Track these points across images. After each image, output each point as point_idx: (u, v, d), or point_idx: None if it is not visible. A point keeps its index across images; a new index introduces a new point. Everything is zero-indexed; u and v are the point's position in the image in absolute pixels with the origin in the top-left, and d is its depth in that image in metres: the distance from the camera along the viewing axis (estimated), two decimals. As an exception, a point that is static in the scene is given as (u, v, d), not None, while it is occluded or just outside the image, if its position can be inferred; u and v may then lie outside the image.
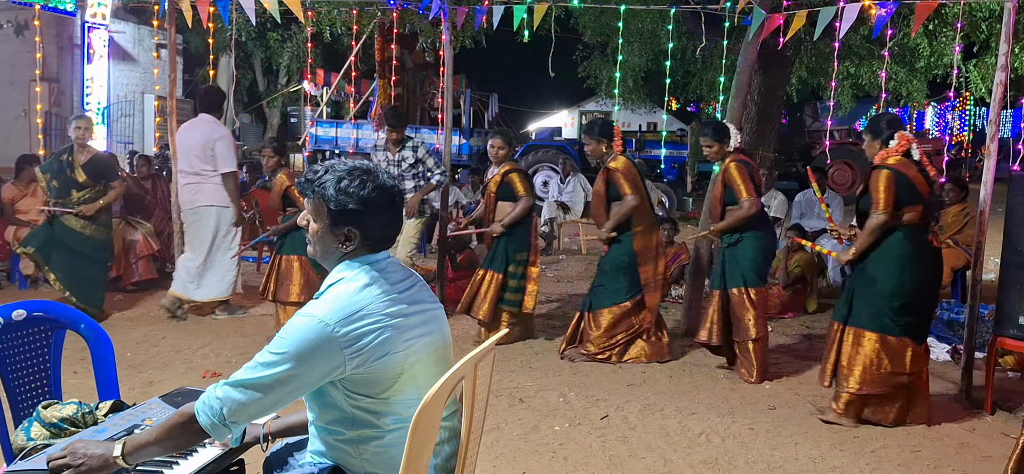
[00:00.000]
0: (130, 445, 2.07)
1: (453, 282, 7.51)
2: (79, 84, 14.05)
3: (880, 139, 4.63)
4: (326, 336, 1.99)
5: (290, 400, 2.05)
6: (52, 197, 6.56)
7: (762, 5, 6.27)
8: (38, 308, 2.97)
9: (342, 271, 2.14)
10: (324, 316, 2.01)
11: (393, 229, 2.19)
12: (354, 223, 2.10)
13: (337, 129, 17.32)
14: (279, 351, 2.01)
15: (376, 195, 2.10)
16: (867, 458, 4.27)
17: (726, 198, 5.54)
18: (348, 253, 2.14)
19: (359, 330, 2.02)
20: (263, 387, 2.00)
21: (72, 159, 6.47)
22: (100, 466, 2.05)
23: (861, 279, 4.67)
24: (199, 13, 7.04)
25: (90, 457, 2.05)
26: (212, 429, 2.04)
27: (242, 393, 2.01)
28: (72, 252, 6.45)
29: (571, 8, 9.64)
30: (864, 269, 4.66)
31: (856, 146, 19.54)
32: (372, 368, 2.04)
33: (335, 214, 2.10)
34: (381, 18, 11.50)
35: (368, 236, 2.13)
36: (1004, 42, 5.20)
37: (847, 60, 11.08)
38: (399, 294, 2.13)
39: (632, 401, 5.06)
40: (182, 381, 5.04)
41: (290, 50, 21.31)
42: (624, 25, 8.63)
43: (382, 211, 2.12)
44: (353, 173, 2.11)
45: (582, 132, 6.08)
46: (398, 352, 2.07)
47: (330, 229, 2.13)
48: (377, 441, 2.12)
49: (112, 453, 2.06)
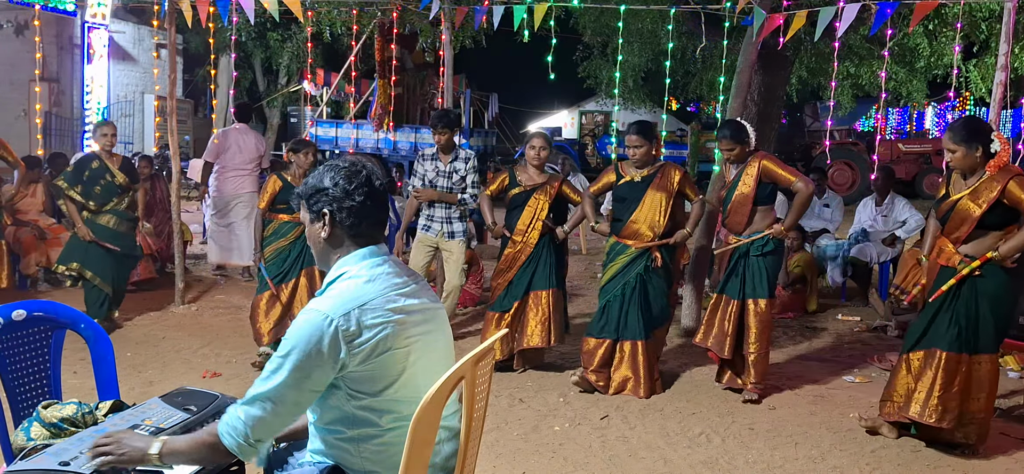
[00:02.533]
0: (167, 447, 2.12)
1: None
2: (79, 84, 14.07)
3: (977, 144, 4.05)
4: (330, 331, 2.01)
5: (306, 404, 2.07)
6: (93, 204, 6.38)
7: (762, 5, 6.27)
8: (38, 308, 2.98)
9: (342, 267, 2.17)
10: (327, 311, 2.04)
11: (372, 209, 2.19)
12: (326, 207, 2.16)
13: (337, 129, 17.32)
14: (285, 353, 2.03)
15: (343, 177, 2.16)
16: (867, 458, 4.27)
17: (759, 196, 5.05)
18: (330, 241, 2.18)
19: (362, 324, 2.05)
20: (277, 395, 2.03)
21: (108, 164, 6.40)
22: (137, 459, 2.11)
23: (986, 295, 4.13)
24: (199, 13, 7.04)
25: (132, 449, 2.11)
26: (239, 451, 2.07)
27: (259, 407, 2.05)
28: (114, 254, 6.43)
29: (571, 8, 9.65)
30: (987, 284, 4.12)
31: (856, 146, 19.54)
32: (374, 364, 2.06)
33: (310, 204, 2.20)
34: (381, 18, 11.49)
35: (343, 220, 2.16)
36: (1004, 42, 5.20)
37: (847, 60, 11.07)
38: (400, 292, 2.16)
39: (632, 401, 5.06)
40: (182, 381, 5.04)
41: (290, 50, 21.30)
42: (624, 25, 8.63)
43: (353, 193, 2.15)
44: (326, 166, 2.22)
45: (635, 131, 5.40)
46: (400, 349, 2.10)
47: (311, 223, 2.21)
48: (377, 440, 2.13)
49: (150, 449, 2.11)
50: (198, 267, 8.95)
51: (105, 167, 6.38)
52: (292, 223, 5.67)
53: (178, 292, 7.24)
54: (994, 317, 4.16)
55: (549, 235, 5.58)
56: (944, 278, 4.21)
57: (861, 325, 7.15)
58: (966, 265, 4.12)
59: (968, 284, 4.14)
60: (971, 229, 4.13)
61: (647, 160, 5.23)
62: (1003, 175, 4.05)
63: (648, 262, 5.18)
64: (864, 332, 6.96)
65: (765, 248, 5.03)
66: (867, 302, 7.73)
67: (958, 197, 4.17)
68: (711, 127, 18.18)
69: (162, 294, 7.55)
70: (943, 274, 4.24)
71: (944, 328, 4.20)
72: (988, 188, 4.07)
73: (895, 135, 22.95)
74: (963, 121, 4.21)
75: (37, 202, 7.92)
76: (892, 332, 6.79)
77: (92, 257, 6.35)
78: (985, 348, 4.20)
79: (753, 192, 5.05)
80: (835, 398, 5.22)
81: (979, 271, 4.11)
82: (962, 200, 4.15)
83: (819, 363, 6.00)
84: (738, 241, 5.09)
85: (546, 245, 5.57)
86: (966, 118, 4.42)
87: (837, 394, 5.30)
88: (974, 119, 4.31)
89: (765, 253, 5.03)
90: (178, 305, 7.18)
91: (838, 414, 4.91)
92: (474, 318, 7.10)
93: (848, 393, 5.31)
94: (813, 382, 5.54)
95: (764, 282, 5.03)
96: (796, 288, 7.64)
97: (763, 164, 5.04)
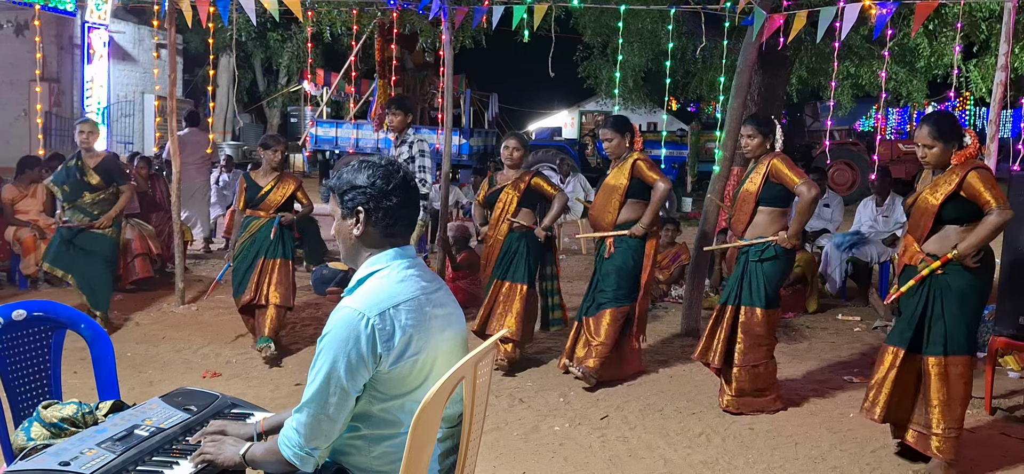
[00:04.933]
0: (249, 453, 2.20)
1: (453, 282, 7.51)
2: (79, 84, 14.05)
3: (955, 142, 3.89)
4: (367, 330, 2.01)
5: (350, 403, 2.06)
6: (63, 201, 6.54)
7: (762, 5, 6.27)
8: (38, 308, 2.98)
9: (372, 265, 2.15)
10: (362, 309, 2.04)
11: (406, 211, 2.18)
12: (361, 204, 2.14)
13: (337, 129, 17.30)
14: (323, 352, 2.04)
15: (380, 176, 2.14)
16: (867, 458, 4.27)
17: (764, 196, 4.82)
18: (362, 239, 2.16)
19: (396, 324, 2.04)
20: (321, 398, 2.03)
21: (82, 163, 6.46)
22: (230, 461, 2.20)
23: (951, 293, 3.89)
24: (199, 13, 7.04)
25: (225, 458, 2.21)
26: (299, 461, 2.07)
27: (306, 414, 2.05)
28: (86, 253, 6.45)
29: (571, 8, 9.64)
30: (952, 282, 3.89)
31: (856, 146, 19.54)
32: (401, 367, 2.06)
33: (343, 199, 2.17)
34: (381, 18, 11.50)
35: (378, 219, 2.14)
36: (1004, 42, 5.21)
37: (847, 60, 11.08)
38: (428, 296, 2.16)
39: (632, 401, 5.06)
40: (182, 381, 5.04)
41: (290, 50, 21.32)
42: (624, 25, 8.64)
43: (390, 193, 2.13)
44: (360, 162, 2.19)
45: (609, 124, 5.58)
46: (426, 354, 2.11)
47: (343, 218, 2.18)
48: (390, 441, 2.13)
49: (239, 451, 2.20)
50: (198, 267, 8.96)
51: (80, 166, 6.45)
52: (250, 217, 5.93)
53: (178, 292, 7.24)
54: (963, 315, 3.87)
55: (527, 233, 5.64)
56: (906, 278, 4.01)
57: (861, 325, 7.15)
58: (927, 265, 3.89)
59: (932, 283, 3.89)
60: (930, 224, 3.90)
61: (620, 153, 5.39)
62: (962, 167, 3.83)
63: (601, 250, 5.45)
64: (864, 332, 6.96)
65: (765, 254, 4.76)
66: (867, 302, 7.73)
67: (918, 193, 3.99)
68: (711, 127, 18.18)
69: (162, 294, 7.55)
70: (906, 273, 4.04)
71: (903, 326, 4.03)
72: (946, 181, 3.85)
73: (895, 135, 22.97)
74: (941, 116, 3.99)
75: (37, 202, 7.92)
76: (892, 332, 6.78)
77: (71, 257, 6.42)
78: (955, 350, 3.89)
79: (758, 190, 4.82)
80: (835, 398, 5.21)
81: (941, 270, 3.86)
82: (922, 195, 3.95)
83: (819, 363, 6.00)
84: (738, 242, 4.93)
85: (520, 241, 5.64)
86: (941, 113, 4.19)
87: (837, 394, 5.29)
88: (950, 115, 4.13)
89: (764, 259, 4.76)
90: (178, 305, 7.18)
91: (838, 414, 4.91)
92: (474, 318, 7.07)
93: (848, 393, 5.31)
94: (813, 382, 5.54)
95: (760, 290, 4.75)
96: (796, 288, 7.64)
97: (772, 163, 4.79)
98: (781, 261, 4.79)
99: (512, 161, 5.73)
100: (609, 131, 5.37)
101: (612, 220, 5.37)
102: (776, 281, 4.82)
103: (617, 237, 5.35)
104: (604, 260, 5.40)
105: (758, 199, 4.83)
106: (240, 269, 5.89)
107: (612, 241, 5.35)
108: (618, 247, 5.35)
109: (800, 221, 4.75)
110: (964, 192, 3.81)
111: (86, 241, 6.45)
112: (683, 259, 8.05)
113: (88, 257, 6.45)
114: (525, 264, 5.61)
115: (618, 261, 5.34)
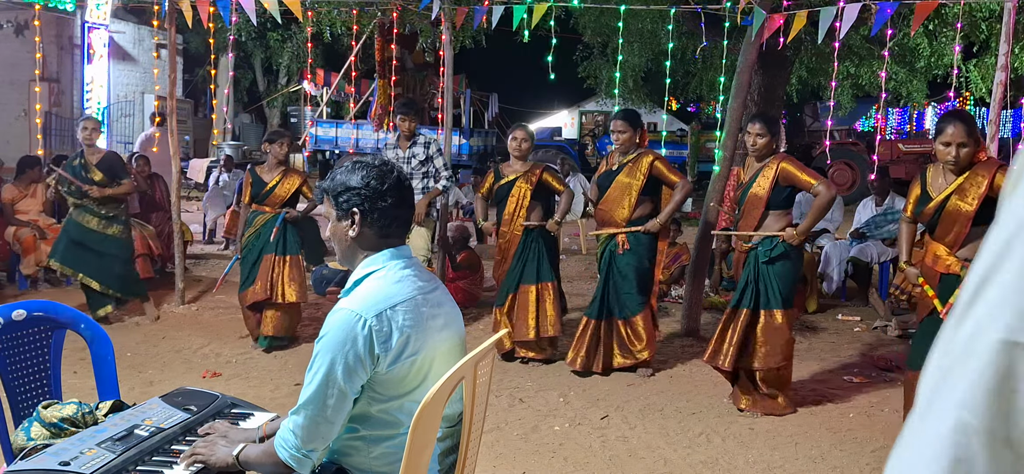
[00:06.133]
0: (243, 454, 2.18)
1: (453, 282, 7.51)
2: (79, 84, 14.06)
3: (981, 141, 3.85)
4: (364, 331, 2.01)
5: (348, 405, 2.06)
6: (70, 197, 6.59)
7: (762, 5, 6.27)
8: (38, 308, 2.97)
9: (368, 266, 2.15)
10: (359, 311, 2.03)
11: (401, 211, 2.18)
12: (356, 206, 2.13)
13: (337, 129, 17.32)
14: (320, 354, 2.03)
15: (375, 177, 2.13)
16: (867, 458, 4.27)
17: (773, 200, 4.74)
18: (358, 240, 2.15)
19: (393, 325, 2.04)
20: (319, 400, 2.02)
21: (85, 161, 6.51)
22: (223, 463, 2.19)
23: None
24: (199, 13, 7.04)
25: (218, 459, 2.19)
26: (296, 463, 2.07)
27: (303, 416, 2.04)
28: (100, 254, 6.49)
29: (571, 8, 9.64)
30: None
31: (856, 146, 19.53)
32: (399, 367, 2.06)
33: (337, 201, 2.15)
34: (381, 18, 11.49)
35: (374, 220, 2.14)
36: (1004, 42, 5.20)
37: (847, 60, 11.07)
38: (425, 296, 2.15)
39: (632, 401, 5.06)
40: (182, 381, 5.04)
41: (290, 50, 21.32)
42: (624, 25, 8.63)
43: (385, 194, 2.13)
44: (354, 164, 2.18)
45: (620, 116, 5.58)
46: (424, 355, 2.10)
47: (338, 220, 2.17)
48: (389, 441, 2.13)
49: (232, 451, 2.18)
50: (198, 267, 8.96)
51: (83, 164, 6.50)
52: (256, 212, 5.97)
53: (178, 292, 7.25)
54: None
55: (539, 229, 5.68)
56: (949, 287, 3.82)
57: (861, 325, 7.15)
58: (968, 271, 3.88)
59: None
60: (966, 231, 3.81)
61: (629, 147, 5.40)
62: (987, 168, 3.78)
63: (612, 247, 5.40)
64: (864, 332, 6.96)
65: (773, 252, 4.69)
66: (867, 302, 7.73)
67: (944, 197, 3.88)
68: (711, 127, 18.18)
69: (162, 294, 7.55)
70: (946, 283, 3.86)
71: None
72: (974, 184, 3.78)
73: (895, 135, 22.95)
74: (967, 113, 3.92)
75: (37, 202, 7.93)
76: (892, 332, 6.79)
77: (79, 256, 6.46)
78: None
79: (767, 195, 4.74)
80: (835, 398, 5.21)
81: None
82: (951, 200, 3.86)
83: (819, 363, 6.00)
84: (745, 232, 4.84)
85: (535, 239, 5.68)
86: (964, 111, 4.18)
87: (837, 394, 5.30)
88: (967, 112, 4.12)
89: (773, 258, 4.70)
90: (178, 305, 7.19)
91: (838, 414, 4.91)
92: (474, 318, 7.10)
93: (848, 393, 5.31)
94: (813, 382, 5.54)
95: (776, 292, 4.70)
96: (796, 288, 7.64)
97: (782, 166, 4.71)
98: (791, 259, 4.76)
99: (520, 152, 5.76)
100: (622, 122, 5.39)
101: (627, 217, 5.39)
102: (790, 280, 4.79)
103: (630, 233, 5.37)
104: (618, 258, 5.38)
105: (768, 203, 4.76)
106: (247, 264, 5.95)
107: (625, 237, 5.39)
108: (632, 246, 5.37)
109: (813, 220, 4.67)
110: (991, 193, 3.76)
111: (98, 242, 6.47)
112: (683, 259, 8.04)
113: (104, 259, 6.49)
114: (548, 260, 5.70)
115: (635, 261, 5.36)
